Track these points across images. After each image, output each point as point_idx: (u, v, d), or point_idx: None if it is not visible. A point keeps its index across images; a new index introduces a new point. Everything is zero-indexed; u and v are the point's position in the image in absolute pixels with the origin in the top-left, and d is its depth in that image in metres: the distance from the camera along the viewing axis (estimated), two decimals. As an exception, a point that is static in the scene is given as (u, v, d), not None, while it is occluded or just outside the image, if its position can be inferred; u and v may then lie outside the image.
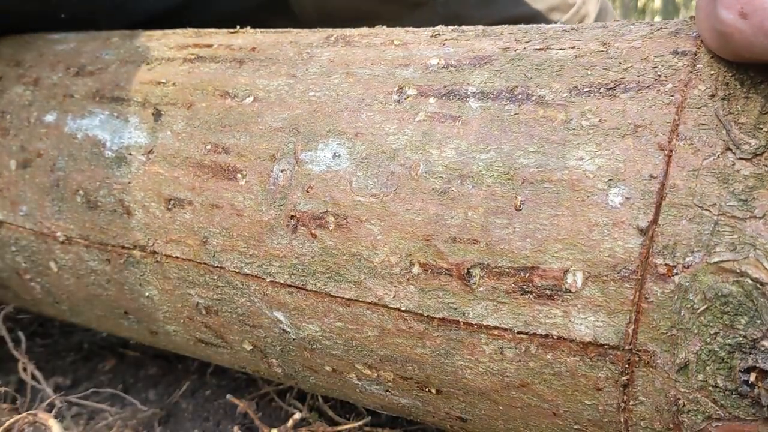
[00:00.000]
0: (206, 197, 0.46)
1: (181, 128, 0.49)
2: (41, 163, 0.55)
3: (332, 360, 0.45)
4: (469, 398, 0.41)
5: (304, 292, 0.43)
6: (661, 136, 0.34)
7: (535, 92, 0.38)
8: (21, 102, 0.58)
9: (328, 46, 0.48)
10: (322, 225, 0.42)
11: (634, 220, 0.34)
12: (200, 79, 0.50)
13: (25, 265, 0.59)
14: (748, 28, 0.30)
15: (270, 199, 0.44)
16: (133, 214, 0.50)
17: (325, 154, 0.42)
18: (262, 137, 0.45)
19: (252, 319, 0.47)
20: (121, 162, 0.50)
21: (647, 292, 0.33)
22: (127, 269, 0.51)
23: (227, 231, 0.45)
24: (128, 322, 0.56)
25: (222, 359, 0.54)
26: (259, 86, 0.47)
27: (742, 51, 0.31)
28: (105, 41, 0.60)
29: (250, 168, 0.45)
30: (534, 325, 0.36)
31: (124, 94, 0.53)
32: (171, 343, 0.56)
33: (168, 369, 0.74)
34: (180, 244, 0.48)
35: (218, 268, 0.46)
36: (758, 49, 0.30)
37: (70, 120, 0.54)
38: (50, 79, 0.58)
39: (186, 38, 0.56)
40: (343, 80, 0.45)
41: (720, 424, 0.33)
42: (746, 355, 0.32)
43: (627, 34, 0.39)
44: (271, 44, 0.51)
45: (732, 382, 0.32)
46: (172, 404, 0.66)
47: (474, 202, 0.37)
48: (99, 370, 0.74)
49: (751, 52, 0.31)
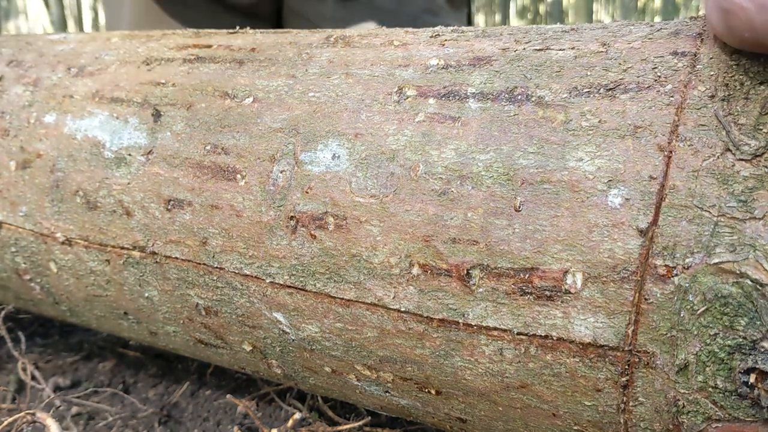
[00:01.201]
0: (206, 198, 0.46)
1: (180, 129, 0.49)
2: (41, 163, 0.55)
3: (332, 361, 0.45)
4: (468, 399, 0.41)
5: (303, 292, 0.43)
6: (661, 137, 0.34)
7: (534, 93, 0.38)
8: (21, 102, 0.58)
9: (327, 47, 0.48)
10: (322, 226, 0.42)
11: (633, 221, 0.34)
12: (200, 79, 0.50)
13: (24, 266, 0.59)
14: (751, 4, 0.30)
15: (269, 199, 0.44)
16: (133, 215, 0.50)
17: (324, 155, 0.42)
18: (262, 138, 0.45)
19: (251, 319, 0.47)
20: (120, 163, 0.50)
21: (647, 293, 0.33)
22: (127, 270, 0.51)
23: (227, 232, 0.45)
24: (128, 323, 0.56)
25: (222, 360, 0.54)
26: (258, 87, 0.47)
27: (743, 30, 0.32)
28: (105, 42, 0.60)
29: (250, 169, 0.45)
30: (534, 326, 0.36)
31: (124, 94, 0.53)
32: (171, 344, 0.56)
33: (168, 369, 0.74)
34: (179, 244, 0.48)
35: (218, 268, 0.46)
36: (759, 27, 0.31)
37: (70, 121, 0.54)
38: (50, 79, 0.58)
39: (185, 39, 0.56)
40: (343, 81, 0.45)
41: (720, 425, 0.33)
42: (746, 356, 0.32)
43: (627, 34, 0.39)
44: (271, 45, 0.51)
45: (732, 383, 0.32)
46: (172, 404, 0.66)
47: (473, 203, 0.37)
48: (99, 370, 0.74)
49: (752, 30, 0.31)
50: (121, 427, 0.62)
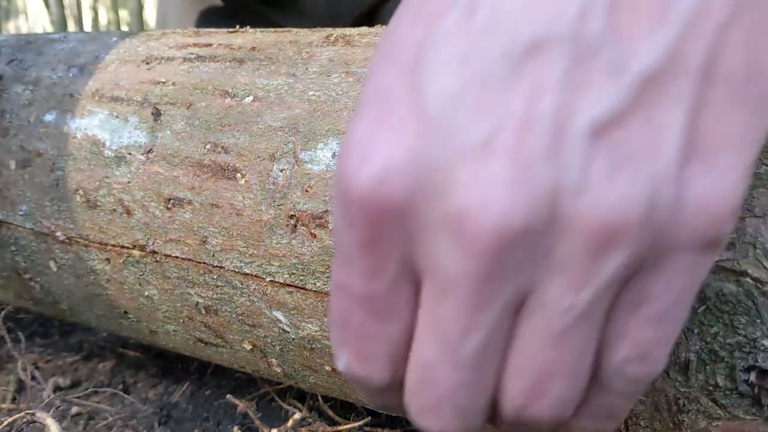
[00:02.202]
0: (206, 197, 0.46)
1: (180, 128, 0.49)
2: (41, 162, 0.55)
3: (332, 359, 0.45)
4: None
5: (303, 291, 0.43)
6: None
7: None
8: (21, 101, 0.58)
9: (327, 46, 0.48)
10: (322, 224, 0.42)
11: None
12: (200, 78, 0.50)
13: (24, 265, 0.59)
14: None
15: (269, 198, 0.44)
16: (133, 214, 0.50)
17: (324, 154, 0.42)
18: (262, 137, 0.45)
19: (251, 318, 0.47)
20: (120, 161, 0.50)
21: (647, 292, 0.33)
22: (127, 269, 0.51)
23: (227, 230, 0.45)
24: (128, 322, 0.56)
25: (221, 359, 0.54)
26: (258, 86, 0.47)
27: None
28: (105, 41, 0.60)
29: (250, 167, 0.45)
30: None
31: (124, 93, 0.53)
32: (171, 343, 0.56)
33: (168, 369, 0.74)
34: (179, 243, 0.48)
35: (218, 267, 0.46)
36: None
37: (70, 119, 0.54)
38: (50, 78, 0.58)
39: (185, 38, 0.56)
40: (343, 79, 0.45)
41: (720, 424, 0.33)
42: (746, 355, 0.32)
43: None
44: (271, 43, 0.51)
45: (732, 382, 0.32)
46: (172, 404, 0.66)
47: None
48: (99, 370, 0.74)
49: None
50: (121, 427, 0.62)
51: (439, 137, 0.19)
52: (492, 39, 0.18)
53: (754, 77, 0.19)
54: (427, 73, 0.19)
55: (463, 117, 0.19)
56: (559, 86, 0.18)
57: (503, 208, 0.18)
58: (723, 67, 0.19)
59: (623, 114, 0.18)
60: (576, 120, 0.18)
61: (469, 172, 0.18)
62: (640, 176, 0.18)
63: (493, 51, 0.18)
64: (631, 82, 0.18)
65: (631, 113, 0.18)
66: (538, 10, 0.18)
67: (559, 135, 0.18)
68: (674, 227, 0.19)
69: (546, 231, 0.19)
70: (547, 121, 0.18)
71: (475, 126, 0.18)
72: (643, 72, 0.18)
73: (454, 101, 0.19)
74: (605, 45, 0.18)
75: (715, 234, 0.20)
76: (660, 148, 0.18)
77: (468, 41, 0.19)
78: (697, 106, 0.18)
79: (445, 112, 0.19)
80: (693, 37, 0.18)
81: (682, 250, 0.20)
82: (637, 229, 0.19)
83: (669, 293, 0.21)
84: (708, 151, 0.19)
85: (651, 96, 0.18)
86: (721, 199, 0.19)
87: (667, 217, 0.19)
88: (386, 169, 0.19)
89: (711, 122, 0.19)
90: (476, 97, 0.19)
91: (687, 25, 0.18)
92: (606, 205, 0.18)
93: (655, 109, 0.18)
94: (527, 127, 0.18)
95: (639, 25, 0.18)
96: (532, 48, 0.18)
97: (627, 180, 0.18)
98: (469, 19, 0.19)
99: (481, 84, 0.18)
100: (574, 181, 0.18)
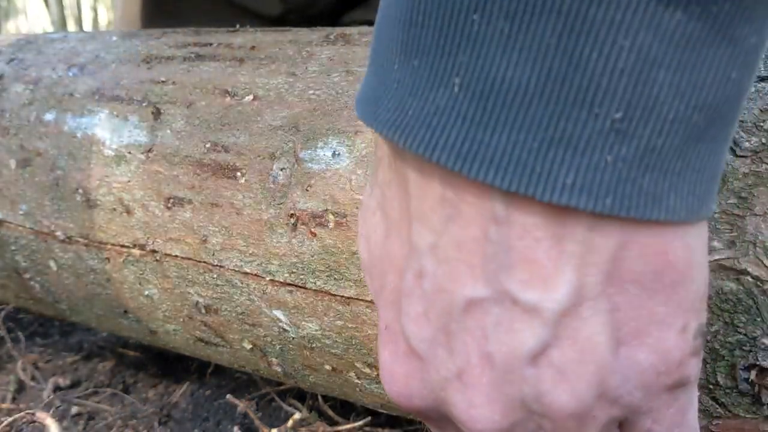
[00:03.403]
0: (206, 196, 0.46)
1: (180, 127, 0.49)
2: (41, 162, 0.55)
3: (332, 359, 0.45)
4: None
5: (303, 290, 0.43)
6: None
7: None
8: (21, 101, 0.58)
9: (327, 45, 0.48)
10: (322, 223, 0.42)
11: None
12: (200, 77, 0.50)
13: (24, 264, 0.59)
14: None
15: (269, 197, 0.44)
16: (133, 213, 0.50)
17: (324, 153, 0.42)
18: (262, 136, 0.45)
19: (251, 317, 0.47)
20: (120, 161, 0.50)
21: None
22: (127, 268, 0.51)
23: (227, 229, 0.45)
24: (128, 321, 0.56)
25: (221, 358, 0.54)
26: (258, 85, 0.47)
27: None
28: (105, 41, 0.60)
29: (250, 166, 0.45)
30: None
31: (124, 92, 0.53)
32: (171, 342, 0.56)
33: (168, 369, 0.74)
34: (179, 242, 0.48)
35: (218, 266, 0.46)
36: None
37: (70, 119, 0.54)
38: (50, 77, 0.58)
39: (186, 37, 0.56)
40: (343, 78, 0.44)
41: (720, 422, 0.33)
42: (746, 353, 0.32)
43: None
44: (271, 43, 0.51)
45: (732, 380, 0.32)
46: (172, 404, 0.66)
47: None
48: (99, 370, 0.74)
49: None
50: (121, 427, 0.62)
51: (432, 371, 0.25)
52: (439, 301, 0.24)
53: (660, 272, 0.22)
54: (406, 323, 0.25)
55: (440, 356, 0.25)
56: (496, 330, 0.23)
57: (487, 420, 0.24)
58: (626, 275, 0.22)
59: (553, 339, 0.22)
60: (516, 352, 0.23)
61: (456, 397, 0.25)
62: (584, 372, 0.22)
63: (443, 310, 0.24)
64: (548, 319, 0.22)
65: (558, 337, 0.22)
66: (463, 276, 0.23)
67: (509, 365, 0.23)
68: (631, 394, 0.23)
69: (528, 420, 0.24)
70: (499, 355, 0.23)
71: (450, 363, 0.24)
72: (556, 310, 0.22)
73: (431, 345, 0.25)
74: (520, 294, 0.22)
75: (671, 379, 0.23)
76: (593, 347, 0.22)
77: (424, 302, 0.24)
78: (613, 308, 0.22)
79: (428, 353, 0.25)
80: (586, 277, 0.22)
81: (647, 400, 0.24)
82: (599, 407, 0.23)
83: (662, 424, 0.24)
84: (638, 333, 0.23)
85: (568, 321, 0.22)
86: (662, 355, 0.23)
87: (619, 390, 0.23)
88: (409, 388, 0.26)
89: (630, 314, 0.23)
90: (443, 341, 0.24)
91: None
92: (563, 401, 0.23)
93: (576, 327, 0.22)
94: (484, 362, 0.23)
95: (540, 281, 0.22)
96: (468, 305, 0.23)
97: (574, 378, 0.22)
98: (420, 283, 0.24)
99: (444, 332, 0.24)
100: (532, 391, 0.23)
